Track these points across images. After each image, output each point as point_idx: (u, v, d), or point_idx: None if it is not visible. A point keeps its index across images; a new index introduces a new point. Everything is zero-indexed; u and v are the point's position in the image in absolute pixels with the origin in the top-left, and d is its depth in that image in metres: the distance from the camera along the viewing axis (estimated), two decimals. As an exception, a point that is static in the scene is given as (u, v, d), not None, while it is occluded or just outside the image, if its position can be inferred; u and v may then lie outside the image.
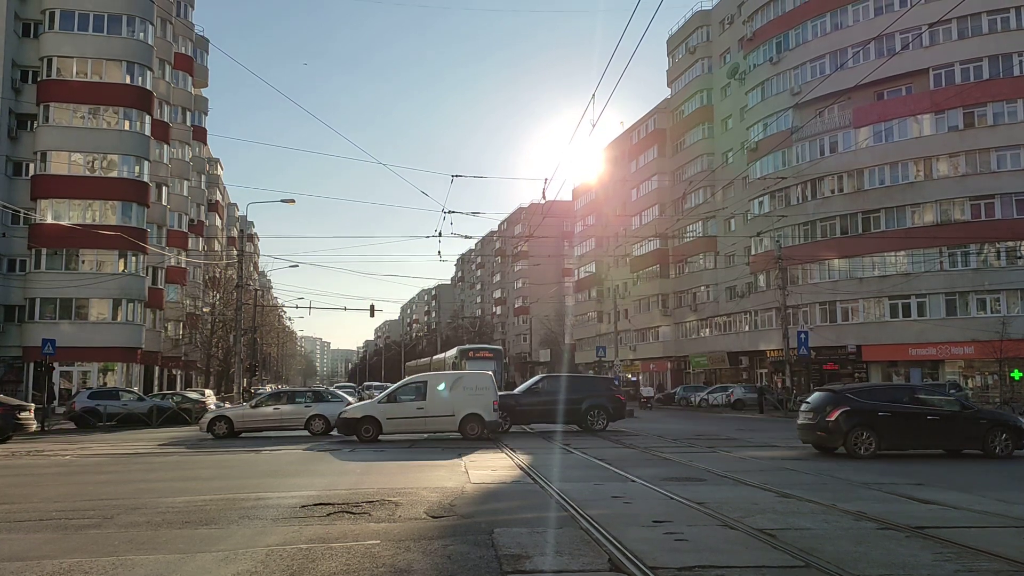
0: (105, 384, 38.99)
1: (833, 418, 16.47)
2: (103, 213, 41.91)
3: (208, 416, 24.29)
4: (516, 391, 25.48)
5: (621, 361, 62.12)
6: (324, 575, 6.42)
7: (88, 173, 41.79)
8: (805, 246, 48.43)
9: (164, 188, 50.29)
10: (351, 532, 8.22)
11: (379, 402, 22.08)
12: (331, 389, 37.92)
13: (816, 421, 16.88)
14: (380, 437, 21.16)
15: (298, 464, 15.79)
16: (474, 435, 21.05)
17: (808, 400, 17.93)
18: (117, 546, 7.60)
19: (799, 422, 17.78)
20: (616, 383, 45.37)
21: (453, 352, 43.30)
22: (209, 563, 6.88)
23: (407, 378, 28.65)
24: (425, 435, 21.97)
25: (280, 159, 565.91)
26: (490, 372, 24.39)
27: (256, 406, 24.62)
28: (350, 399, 27.74)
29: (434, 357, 50.11)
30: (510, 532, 8.09)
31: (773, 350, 50.06)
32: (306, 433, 23.55)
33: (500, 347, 48.60)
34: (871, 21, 45.61)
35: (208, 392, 44.40)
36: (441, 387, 21.76)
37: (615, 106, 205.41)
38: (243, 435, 23.67)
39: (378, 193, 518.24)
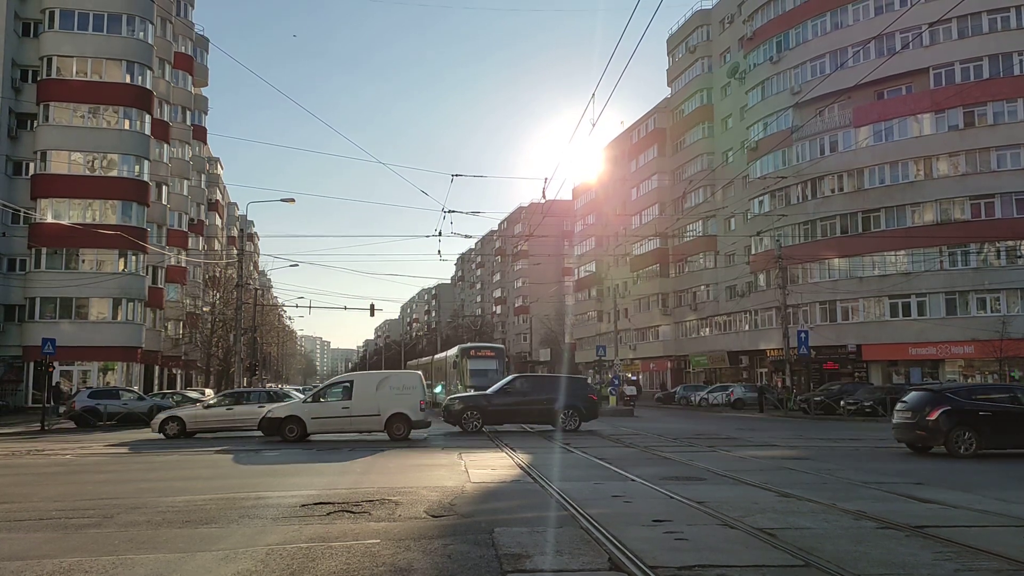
0: (109, 384, 38.98)
1: (933, 417, 16.52)
2: (103, 212, 41.90)
3: (160, 416, 24.07)
4: (489, 391, 25.25)
5: (621, 360, 62.09)
6: (324, 574, 6.42)
7: (88, 172, 41.78)
8: (805, 245, 48.42)
9: (164, 187, 50.28)
10: (351, 531, 8.22)
11: (304, 401, 21.90)
12: (286, 389, 38.03)
13: (915, 420, 16.89)
14: (311, 437, 21.13)
15: (298, 463, 15.78)
16: (400, 435, 20.85)
17: (905, 399, 17.93)
18: (117, 545, 7.60)
19: (895, 421, 17.82)
20: (615, 382, 45.61)
21: (454, 351, 42.30)
22: (209, 562, 6.88)
23: (334, 377, 28.33)
24: (351, 435, 21.74)
25: (280, 158, 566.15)
26: (419, 372, 24.23)
27: (209, 407, 24.60)
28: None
29: (435, 356, 49.06)
30: (510, 531, 8.09)
31: (773, 349, 50.05)
32: (259, 433, 22.87)
33: (502, 346, 47.13)
34: (871, 20, 45.60)
35: (208, 391, 44.41)
36: (367, 387, 21.54)
37: (615, 105, 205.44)
38: (196, 436, 23.43)
39: (378, 192, 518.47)
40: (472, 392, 29.32)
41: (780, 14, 52.10)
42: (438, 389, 52.89)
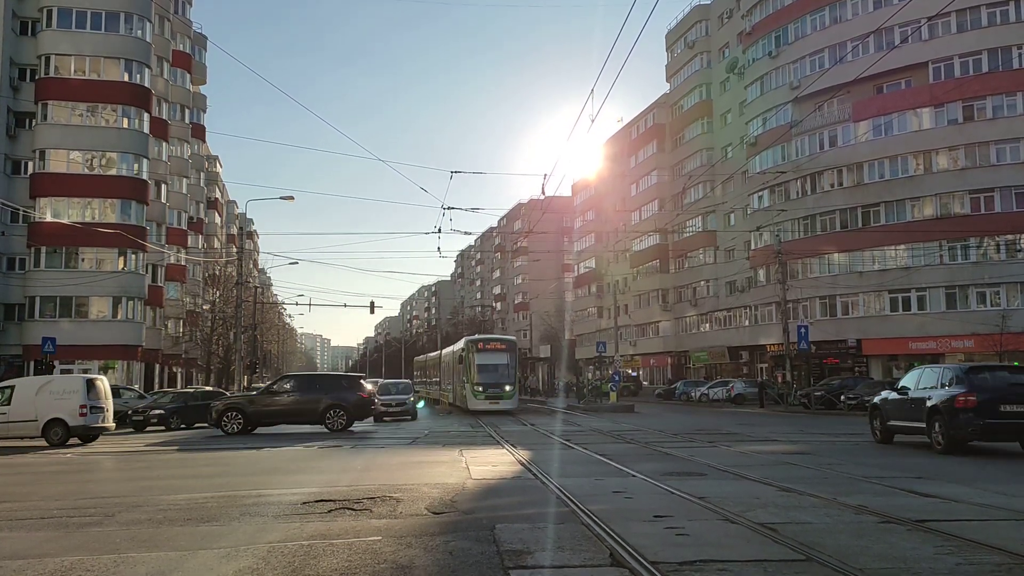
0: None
1: None
2: (102, 211, 41.88)
3: None
4: (255, 392, 24.81)
5: (621, 356, 62.12)
6: (325, 572, 6.41)
7: (87, 171, 41.75)
8: (805, 240, 48.42)
9: (163, 186, 50.26)
10: (352, 528, 8.22)
11: None
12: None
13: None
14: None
15: (299, 461, 15.80)
16: (57, 440, 20.39)
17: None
18: (118, 544, 7.59)
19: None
20: (616, 379, 45.59)
21: (460, 344, 39.09)
22: (211, 560, 6.88)
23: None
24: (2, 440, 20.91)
25: (278, 155, 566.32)
26: (83, 377, 23.05)
27: None
28: None
29: (443, 351, 46.85)
30: (511, 528, 8.08)
31: (773, 344, 50.08)
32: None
33: (514, 338, 43.08)
34: (870, 15, 45.55)
35: (208, 390, 44.34)
36: (27, 392, 20.96)
37: (614, 101, 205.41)
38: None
39: (377, 189, 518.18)
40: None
41: (778, 9, 52.05)
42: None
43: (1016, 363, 36.25)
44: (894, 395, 17.91)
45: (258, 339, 56.74)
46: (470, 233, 45.01)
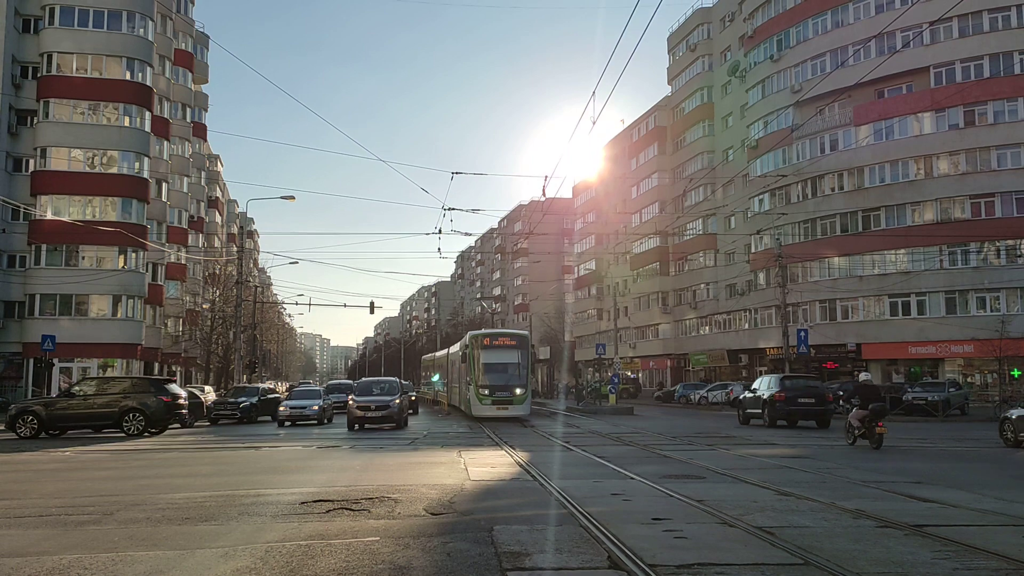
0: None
1: None
2: (103, 209, 41.88)
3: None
4: (55, 395, 24.01)
5: (621, 359, 62.09)
6: (323, 572, 6.42)
7: (88, 169, 41.76)
8: (805, 244, 48.42)
9: (164, 184, 50.26)
10: (350, 529, 8.23)
11: None
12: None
13: None
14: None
15: (297, 461, 15.80)
16: None
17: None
18: (116, 542, 7.60)
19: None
20: (615, 381, 45.61)
21: (465, 340, 33.80)
22: (209, 559, 6.88)
23: None
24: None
25: (279, 154, 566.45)
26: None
27: None
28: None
29: (450, 349, 43.46)
30: (510, 529, 8.09)
31: (773, 348, 50.06)
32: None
33: (526, 332, 37.08)
34: (872, 19, 45.57)
35: (208, 388, 44.37)
36: None
37: (616, 103, 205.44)
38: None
39: (378, 189, 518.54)
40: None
41: (781, 12, 52.07)
42: (436, 377, 50.62)
43: (1016, 370, 36.35)
44: (749, 394, 28.94)
45: (257, 338, 56.71)
46: (470, 234, 45.37)
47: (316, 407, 29.39)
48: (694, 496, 10.25)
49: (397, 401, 25.48)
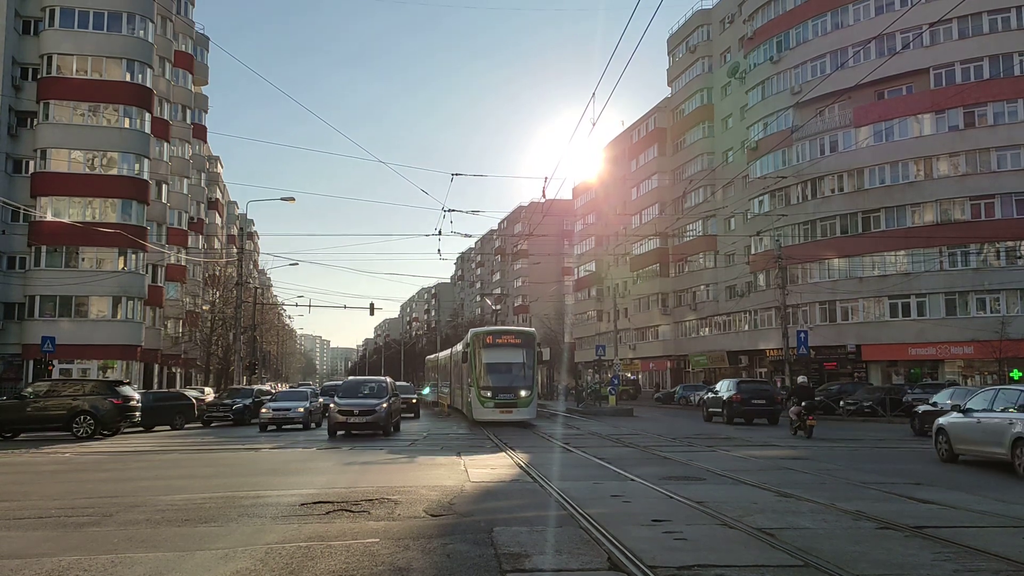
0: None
1: None
2: (103, 211, 41.88)
3: None
4: (4, 398, 23.91)
5: (621, 360, 62.09)
6: (323, 573, 6.41)
7: (88, 171, 41.75)
8: (805, 245, 48.41)
9: (164, 186, 50.24)
10: (350, 530, 8.22)
11: None
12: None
13: None
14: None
15: (297, 462, 15.79)
16: None
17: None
18: (116, 544, 7.59)
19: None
20: (615, 382, 45.59)
21: (466, 338, 31.30)
22: (208, 561, 6.88)
23: None
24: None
25: (280, 156, 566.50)
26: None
27: None
28: None
29: (454, 349, 41.31)
30: (509, 531, 8.09)
31: (773, 349, 50.05)
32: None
33: (533, 329, 34.00)
34: (872, 20, 45.57)
35: (207, 390, 44.40)
36: None
37: (615, 105, 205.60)
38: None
39: (378, 191, 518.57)
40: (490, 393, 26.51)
41: (780, 14, 52.08)
42: (426, 391, 50.40)
43: (1016, 372, 36.36)
44: (710, 395, 32.70)
45: (257, 340, 56.69)
46: (470, 235, 44.88)
47: (302, 409, 26.91)
48: (694, 498, 10.24)
49: (385, 405, 22.63)
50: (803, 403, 22.43)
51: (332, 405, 23.20)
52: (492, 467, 14.31)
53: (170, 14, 50.70)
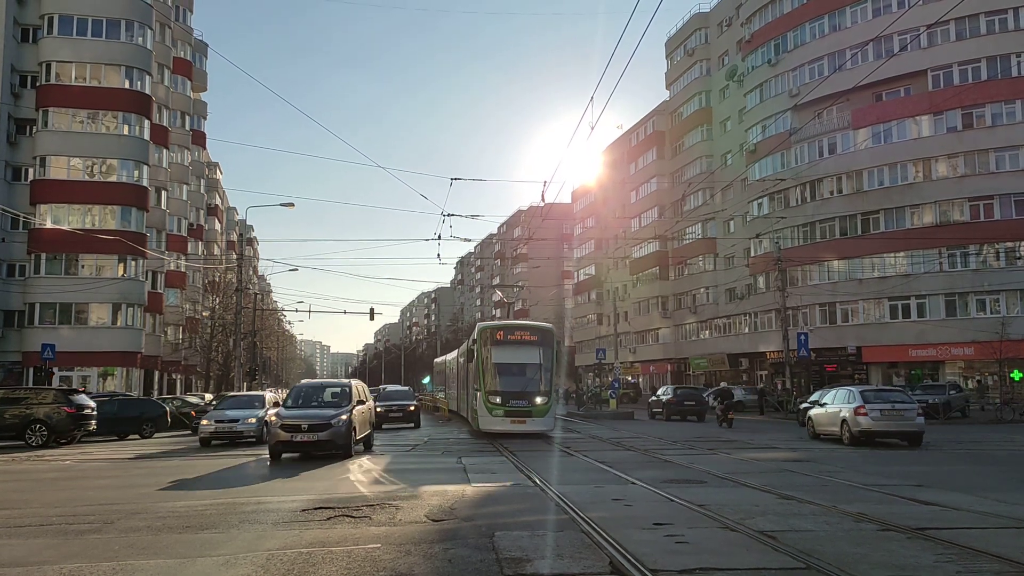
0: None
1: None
2: (102, 218, 41.90)
3: None
4: None
5: (621, 363, 62.05)
6: (325, 579, 6.40)
7: (87, 178, 41.79)
8: (804, 247, 48.42)
9: (163, 192, 50.26)
10: (351, 536, 8.21)
11: None
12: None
13: None
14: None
15: (298, 468, 15.76)
16: None
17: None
18: (117, 551, 7.59)
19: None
20: (615, 385, 45.60)
21: (473, 334, 26.26)
22: (210, 567, 6.87)
23: None
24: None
25: (278, 161, 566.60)
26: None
27: None
28: None
29: (459, 350, 37.57)
30: (511, 535, 8.08)
31: (773, 352, 50.04)
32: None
33: (550, 325, 27.40)
34: (869, 22, 45.64)
35: (208, 396, 44.31)
36: None
37: (614, 108, 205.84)
38: None
39: (377, 196, 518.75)
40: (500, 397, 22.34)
41: (778, 17, 52.17)
42: (425, 379, 49.26)
43: (1016, 372, 36.36)
44: (654, 397, 38.84)
45: (257, 346, 56.67)
46: (470, 240, 44.65)
47: (254, 420, 22.16)
48: (695, 501, 10.23)
49: (344, 416, 17.11)
50: (724, 402, 30.17)
51: (274, 417, 17.77)
52: (493, 471, 14.30)
53: (169, 21, 50.79)
